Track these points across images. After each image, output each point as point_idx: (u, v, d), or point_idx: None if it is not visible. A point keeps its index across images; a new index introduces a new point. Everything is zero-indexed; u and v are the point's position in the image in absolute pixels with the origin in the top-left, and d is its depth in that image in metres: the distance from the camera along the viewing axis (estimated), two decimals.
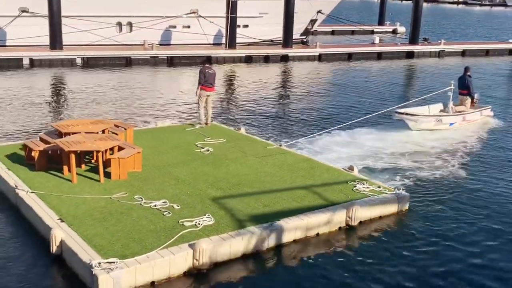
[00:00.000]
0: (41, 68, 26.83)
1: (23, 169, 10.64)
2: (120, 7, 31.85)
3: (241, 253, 8.51)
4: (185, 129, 14.30)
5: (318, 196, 10.09)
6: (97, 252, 7.77)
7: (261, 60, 31.66)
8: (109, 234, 8.32)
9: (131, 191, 9.89)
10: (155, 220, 8.85)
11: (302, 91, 23.16)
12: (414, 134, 15.78)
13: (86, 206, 9.19)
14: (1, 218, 9.50)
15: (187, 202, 9.56)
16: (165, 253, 7.87)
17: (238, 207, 9.45)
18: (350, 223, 9.67)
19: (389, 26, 48.97)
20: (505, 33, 51.90)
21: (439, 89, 17.16)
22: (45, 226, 8.59)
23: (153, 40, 31.44)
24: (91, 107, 18.45)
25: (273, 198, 9.92)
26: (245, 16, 33.56)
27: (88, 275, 7.47)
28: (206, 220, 8.87)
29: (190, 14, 33.04)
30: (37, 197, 9.39)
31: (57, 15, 28.43)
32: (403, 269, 8.33)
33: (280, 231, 8.90)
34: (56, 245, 8.15)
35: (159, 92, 21.72)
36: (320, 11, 36.97)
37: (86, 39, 30.76)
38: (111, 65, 28.21)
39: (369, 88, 24.26)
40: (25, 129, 15.28)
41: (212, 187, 10.31)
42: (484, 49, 36.14)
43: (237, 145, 13.05)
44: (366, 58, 33.76)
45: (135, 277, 7.56)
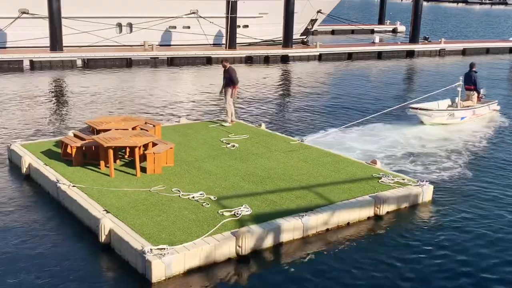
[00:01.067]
0: (41, 70, 27.27)
1: (60, 165, 11.23)
2: (120, 8, 32.41)
3: (279, 241, 9.17)
4: (208, 125, 14.97)
5: (346, 188, 10.77)
6: (147, 240, 8.38)
7: (261, 61, 32.32)
8: (154, 223, 8.94)
9: (168, 184, 10.52)
10: (196, 210, 9.48)
11: (307, 90, 23.85)
12: (427, 128, 16.66)
13: (128, 198, 9.80)
14: (45, 211, 10.06)
15: (223, 194, 10.20)
16: (210, 240, 8.50)
17: (271, 198, 10.11)
18: (378, 213, 10.35)
19: (389, 25, 49.97)
20: (505, 31, 53.12)
21: (442, 87, 17.95)
22: (91, 217, 9.19)
23: (153, 41, 32.00)
24: (99, 107, 18.99)
25: (303, 190, 10.58)
26: (245, 16, 34.26)
27: (139, 261, 8.07)
28: (244, 210, 9.52)
29: (190, 15, 33.70)
30: (79, 190, 9.98)
31: (57, 16, 28.89)
32: (427, 258, 8.94)
33: (315, 221, 9.56)
34: (105, 235, 8.75)
35: (164, 91, 22.33)
36: (320, 11, 37.78)
37: (86, 40, 31.29)
38: (111, 66, 28.74)
39: (373, 87, 25.02)
40: (48, 128, 15.87)
41: (244, 180, 10.96)
42: (485, 48, 37.16)
43: (261, 141, 13.74)
44: (367, 58, 34.55)
45: (184, 262, 8.17)
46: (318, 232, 9.61)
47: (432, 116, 17.00)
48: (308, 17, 37.34)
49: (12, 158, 12.54)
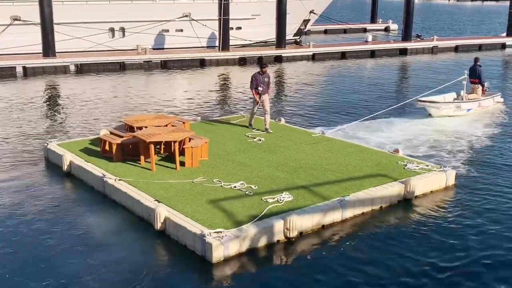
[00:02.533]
0: (34, 76, 27.77)
1: (101, 161, 12.00)
2: (113, 13, 33.11)
3: (321, 224, 10.05)
4: (230, 122, 15.84)
5: (375, 175, 11.71)
6: (202, 225, 9.19)
7: (255, 62, 33.22)
8: (205, 210, 9.74)
9: (208, 176, 11.34)
10: (240, 198, 10.32)
11: (310, 89, 24.84)
12: (436, 120, 17.86)
13: (174, 189, 10.59)
14: (92, 204, 10.83)
15: (261, 183, 11.05)
16: (260, 224, 9.33)
17: (308, 186, 10.98)
18: (407, 197, 11.31)
19: (382, 24, 51.48)
20: (498, 27, 55.05)
21: (440, 83, 19.16)
22: (143, 207, 9.97)
23: (146, 45, 32.72)
24: (105, 110, 19.71)
25: (335, 177, 11.48)
26: (238, 18, 35.21)
27: (199, 244, 8.87)
28: (286, 197, 10.37)
29: (183, 18, 34.52)
30: (126, 184, 10.74)
31: (49, 22, 29.48)
32: (453, 238, 9.84)
33: (352, 205, 10.46)
34: (160, 222, 9.53)
35: (160, 94, 23.12)
36: (312, 11, 38.94)
37: (79, 46, 31.88)
38: (104, 70, 29.37)
39: (373, 84, 26.07)
40: (69, 130, 16.70)
41: (278, 171, 11.83)
42: (477, 44, 38.65)
43: (284, 134, 14.67)
44: (360, 56, 35.71)
45: (239, 244, 8.98)
46: (355, 215, 10.52)
47: (440, 108, 18.16)
48: (300, 18, 38.46)
49: (49, 157, 13.25)
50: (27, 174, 12.50)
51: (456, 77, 19.57)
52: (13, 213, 10.42)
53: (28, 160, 13.53)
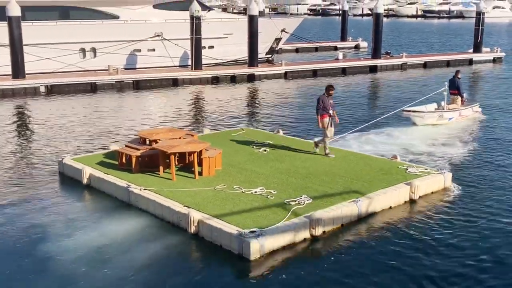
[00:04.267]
0: (4, 98, 28.03)
1: (120, 173, 12.85)
2: (83, 33, 33.75)
3: (341, 223, 11.21)
4: (231, 134, 16.95)
5: (381, 178, 13.00)
6: (236, 226, 10.18)
7: (228, 80, 34.40)
8: (235, 213, 10.75)
9: (227, 183, 12.36)
10: (264, 202, 11.38)
11: (293, 104, 26.16)
12: (421, 129, 19.55)
13: (199, 196, 11.55)
14: (119, 213, 11.66)
15: (279, 188, 12.15)
16: (289, 224, 10.41)
17: (323, 189, 12.16)
18: (413, 198, 12.66)
19: (352, 42, 53.67)
20: (465, 43, 58.30)
21: (415, 96, 20.95)
22: (174, 213, 10.89)
23: (118, 65, 33.41)
24: (84, 129, 20.31)
25: (345, 182, 12.72)
26: (210, 37, 36.45)
27: (235, 243, 9.86)
28: (305, 199, 11.50)
29: (155, 38, 35.50)
30: (152, 192, 11.62)
31: (18, 44, 29.87)
32: (460, 227, 11.33)
33: (366, 205, 11.69)
34: (194, 226, 10.47)
35: (133, 113, 23.80)
36: (284, 30, 40.54)
37: (49, 67, 32.32)
38: (76, 91, 29.81)
39: (350, 100, 27.54)
40: (85, 145, 17.43)
41: (290, 177, 12.96)
42: (445, 60, 40.94)
43: (286, 145, 15.85)
44: (331, 74, 37.30)
45: (272, 242, 10.03)
46: (369, 214, 11.74)
47: (424, 118, 19.95)
48: (272, 36, 39.97)
49: (65, 171, 14.00)
50: (45, 190, 13.22)
51: (428, 91, 21.43)
52: (49, 229, 11.12)
53: (39, 177, 14.22)
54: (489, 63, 42.24)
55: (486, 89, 30.74)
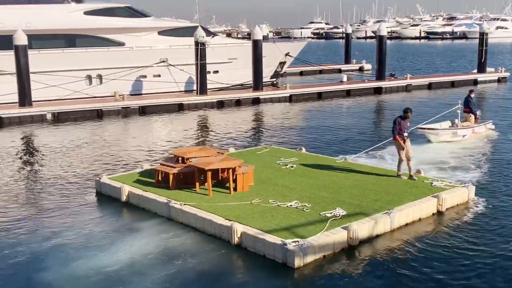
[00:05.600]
0: (10, 126, 28.79)
1: (158, 190, 13.63)
2: (89, 61, 34.77)
3: (376, 234, 11.96)
4: (256, 153, 17.77)
5: (409, 192, 13.80)
6: (278, 236, 10.90)
7: (233, 104, 35.32)
8: (274, 225, 11.48)
9: (262, 198, 13.13)
10: (300, 214, 12.13)
11: (303, 126, 27.04)
12: (436, 145, 20.49)
13: (237, 210, 12.31)
14: (163, 228, 12.39)
15: (313, 202, 12.91)
16: (328, 235, 11.14)
17: (355, 202, 12.94)
18: (440, 210, 13.44)
19: (356, 64, 55.13)
20: (469, 64, 59.90)
21: (425, 116, 21.95)
22: (216, 226, 11.62)
23: (124, 91, 34.32)
24: (92, 154, 21.07)
25: (375, 195, 13.51)
26: (215, 62, 37.52)
27: (279, 253, 10.57)
28: (340, 211, 12.26)
29: (160, 63, 36.53)
30: (192, 207, 12.36)
31: (25, 72, 30.78)
32: (487, 238, 12.11)
33: (398, 217, 12.45)
34: (237, 237, 11.20)
35: (141, 139, 24.49)
36: (288, 54, 41.79)
37: (56, 94, 33.22)
38: (82, 118, 30.61)
39: (359, 120, 28.50)
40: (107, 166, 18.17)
41: (321, 191, 13.74)
42: (450, 81, 42.21)
43: (311, 161, 16.72)
44: (336, 96, 38.30)
45: (314, 251, 10.75)
46: (401, 226, 12.51)
47: (439, 135, 20.99)
48: (276, 60, 41.18)
49: (103, 190, 14.81)
50: (85, 208, 14.06)
51: (437, 110, 22.41)
52: (95, 243, 11.87)
53: (77, 196, 15.11)
54: (494, 83, 43.59)
55: (494, 108, 31.82)
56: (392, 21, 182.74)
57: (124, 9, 36.96)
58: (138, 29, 36.88)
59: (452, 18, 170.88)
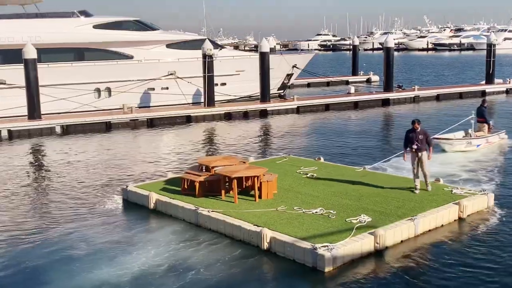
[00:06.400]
0: (19, 138, 29.27)
1: (184, 198, 14.09)
2: (98, 74, 35.36)
3: (401, 239, 12.39)
4: (276, 162, 18.22)
5: (430, 199, 14.24)
6: (307, 241, 11.33)
7: (241, 116, 35.82)
8: (302, 231, 11.90)
9: (287, 205, 13.56)
10: (326, 220, 12.56)
11: (315, 136, 27.52)
12: (451, 155, 20.99)
13: (264, 216, 12.74)
14: (191, 234, 12.83)
15: (337, 209, 13.34)
16: (355, 240, 11.56)
17: (379, 209, 13.37)
18: (461, 216, 13.89)
19: (363, 76, 55.86)
20: (477, 75, 60.64)
21: (436, 127, 22.53)
22: (245, 231, 12.05)
23: (132, 104, 34.89)
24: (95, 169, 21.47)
25: (398, 202, 13.94)
26: (222, 74, 38.13)
27: (309, 257, 10.99)
28: (365, 218, 12.70)
29: (168, 76, 37.12)
30: (219, 214, 12.81)
31: (34, 85, 31.28)
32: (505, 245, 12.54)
33: (422, 223, 12.89)
34: (266, 242, 11.61)
35: (150, 151, 24.95)
36: (295, 66, 42.45)
37: (64, 107, 33.77)
38: (91, 130, 31.06)
39: (369, 131, 28.95)
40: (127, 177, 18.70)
41: (344, 199, 14.17)
42: (458, 92, 42.76)
43: (331, 170, 17.22)
44: (343, 108, 38.79)
45: (343, 255, 11.16)
46: (424, 232, 12.94)
47: (453, 144, 21.53)
48: (284, 72, 41.82)
49: (129, 198, 15.34)
50: (113, 216, 14.53)
51: (448, 121, 22.90)
52: (135, 251, 12.25)
53: (103, 204, 15.58)
54: (502, 94, 44.18)
55: (504, 118, 32.33)
56: (399, 33, 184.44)
57: (133, 23, 37.69)
58: (146, 42, 37.55)
59: (459, 29, 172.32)
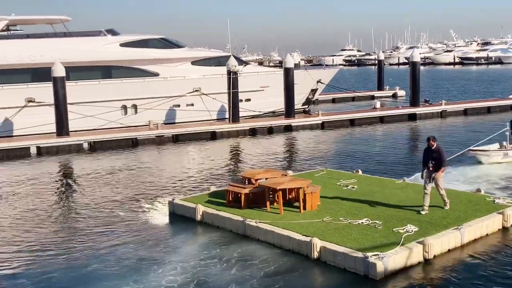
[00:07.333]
0: (48, 155, 29.99)
1: (230, 209, 14.54)
2: (125, 91, 36.18)
3: (448, 248, 12.69)
4: (314, 175, 18.64)
5: (474, 209, 14.53)
6: (359, 250, 11.68)
7: (265, 132, 36.26)
8: (351, 240, 12.25)
9: (332, 216, 13.93)
10: (373, 230, 12.90)
11: (343, 152, 27.86)
12: (487, 167, 21.28)
13: (312, 227, 13.14)
14: (240, 244, 13.26)
15: (383, 219, 13.67)
16: (404, 249, 11.88)
17: (424, 219, 13.68)
18: (505, 226, 14.17)
19: (389, 90, 56.14)
20: (505, 89, 60.68)
21: (464, 142, 22.93)
22: (294, 241, 12.44)
23: (158, 120, 35.57)
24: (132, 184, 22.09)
25: (443, 213, 14.26)
26: (247, 90, 38.71)
27: (360, 265, 11.33)
28: (412, 227, 13.02)
29: (193, 93, 37.81)
30: (267, 224, 13.23)
31: (62, 103, 32.05)
32: None
33: (468, 232, 13.17)
34: (316, 251, 11.98)
35: (176, 166, 25.67)
36: (319, 81, 42.97)
37: (91, 124, 34.55)
38: (117, 147, 31.71)
39: (395, 145, 29.21)
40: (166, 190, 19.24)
41: (387, 209, 14.51)
42: (486, 107, 42.78)
43: (371, 182, 17.59)
44: (369, 123, 38.96)
45: (393, 264, 11.48)
46: (470, 241, 13.22)
47: (490, 156, 21.90)
48: (308, 87, 42.34)
49: (176, 210, 15.93)
50: (160, 229, 15.10)
51: (477, 135, 23.24)
52: (189, 260, 12.72)
53: (150, 218, 16.15)
54: None
55: None
56: (425, 47, 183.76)
57: (159, 41, 38.53)
58: (172, 60, 38.29)
59: (486, 43, 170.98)
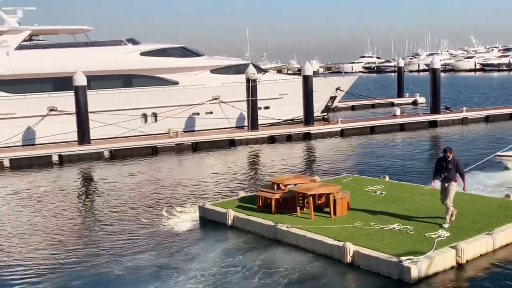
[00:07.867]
0: (70, 163, 30.48)
1: (261, 214, 14.80)
2: (145, 100, 36.68)
3: (480, 253, 12.83)
4: (341, 181, 18.85)
5: (504, 214, 14.65)
6: (392, 255, 11.86)
7: (284, 139, 36.47)
8: (384, 245, 12.41)
9: (363, 221, 14.12)
10: (405, 235, 13.06)
11: (369, 156, 28.00)
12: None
13: (344, 231, 13.32)
14: (271, 248, 13.52)
15: (414, 225, 13.82)
16: (437, 253, 12.04)
17: (455, 224, 13.79)
18: None
19: (409, 97, 56.20)
20: None
21: (486, 148, 23.24)
22: (326, 246, 12.64)
23: (178, 128, 35.97)
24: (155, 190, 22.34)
25: (473, 218, 14.37)
26: (266, 98, 39.03)
27: (394, 270, 11.50)
28: (444, 233, 13.17)
29: (213, 101, 38.20)
30: (298, 229, 13.46)
31: (84, 112, 32.62)
32: None
33: (500, 237, 13.27)
34: (349, 256, 12.18)
35: (196, 174, 25.93)
36: (338, 88, 43.21)
37: (113, 132, 35.05)
38: (138, 155, 32.15)
39: (418, 152, 29.26)
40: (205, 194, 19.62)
41: (418, 215, 14.64)
42: (508, 113, 42.62)
43: (399, 188, 17.77)
44: (389, 131, 38.91)
45: (427, 268, 11.64)
46: (502, 246, 13.35)
47: None
48: (327, 95, 42.58)
49: (206, 215, 16.26)
50: (195, 232, 15.48)
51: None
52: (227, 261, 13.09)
53: (180, 222, 16.49)
54: None
55: None
56: (446, 54, 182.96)
57: (178, 49, 39.07)
58: (191, 68, 38.78)
59: (508, 49, 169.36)
